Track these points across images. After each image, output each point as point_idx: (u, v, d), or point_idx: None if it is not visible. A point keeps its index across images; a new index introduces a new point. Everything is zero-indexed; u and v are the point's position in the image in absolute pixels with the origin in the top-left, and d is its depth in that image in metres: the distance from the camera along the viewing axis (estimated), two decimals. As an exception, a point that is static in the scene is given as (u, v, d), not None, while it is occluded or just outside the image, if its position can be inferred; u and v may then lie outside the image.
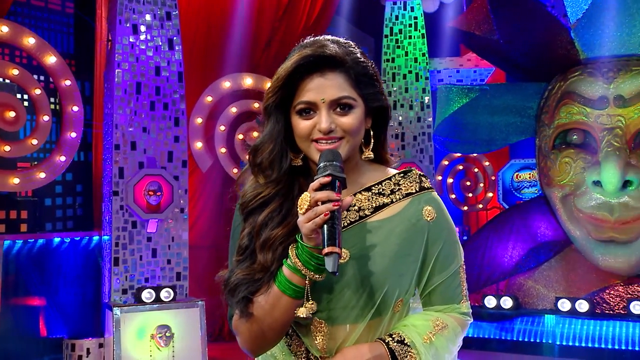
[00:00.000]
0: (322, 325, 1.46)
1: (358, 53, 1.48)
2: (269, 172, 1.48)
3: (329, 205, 1.30)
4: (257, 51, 7.09)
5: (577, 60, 6.80)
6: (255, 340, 1.47)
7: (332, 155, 1.38)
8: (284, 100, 1.46)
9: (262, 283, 1.43)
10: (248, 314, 1.43)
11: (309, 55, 1.41)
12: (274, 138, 1.47)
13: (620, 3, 6.54)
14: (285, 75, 1.43)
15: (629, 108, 6.48)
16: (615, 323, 6.24)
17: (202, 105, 6.46)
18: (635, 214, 6.38)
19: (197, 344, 5.62)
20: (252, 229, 1.47)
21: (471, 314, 1.58)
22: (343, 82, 1.43)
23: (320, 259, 1.34)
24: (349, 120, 1.43)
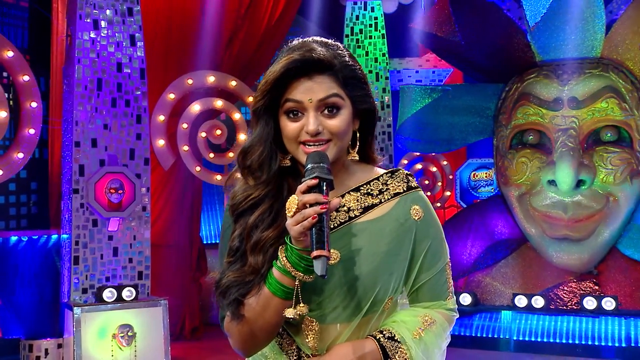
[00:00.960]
0: (314, 324, 1.47)
1: (346, 56, 1.49)
2: (259, 174, 1.48)
3: (317, 208, 1.31)
4: (219, 49, 7.05)
5: (533, 62, 6.98)
6: (247, 342, 1.48)
7: (319, 157, 1.39)
8: (273, 103, 1.46)
9: (253, 285, 1.43)
10: (239, 315, 1.44)
11: (297, 60, 1.42)
12: (263, 140, 1.48)
13: (575, 8, 6.74)
14: (273, 79, 1.43)
15: (582, 110, 6.69)
16: (569, 318, 6.45)
17: (164, 103, 6.40)
18: (588, 213, 6.60)
19: (159, 343, 5.58)
20: (243, 231, 1.47)
21: (457, 310, 1.63)
22: (331, 84, 1.44)
23: (309, 261, 1.35)
24: (336, 122, 1.44)
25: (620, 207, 6.64)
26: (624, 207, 6.65)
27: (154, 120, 6.36)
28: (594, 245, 6.67)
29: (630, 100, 6.70)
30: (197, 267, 7.27)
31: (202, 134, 6.57)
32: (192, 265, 7.20)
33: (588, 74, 6.77)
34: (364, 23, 8.57)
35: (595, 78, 6.75)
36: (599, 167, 6.61)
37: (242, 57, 7.11)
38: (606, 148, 6.66)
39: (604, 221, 6.64)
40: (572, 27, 6.81)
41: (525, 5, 6.71)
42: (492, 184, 9.31)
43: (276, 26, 7.28)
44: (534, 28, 6.75)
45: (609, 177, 6.61)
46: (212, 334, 7.29)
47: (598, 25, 6.83)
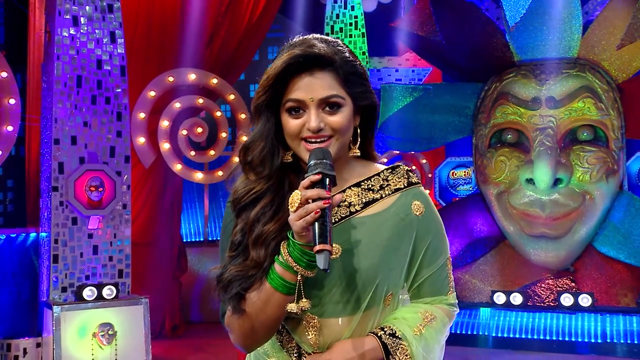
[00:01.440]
0: (315, 320, 1.48)
1: (347, 52, 1.50)
2: (260, 169, 1.49)
3: (320, 203, 1.33)
4: (200, 46, 7.03)
5: (512, 62, 7.07)
6: (248, 337, 1.48)
7: (322, 153, 1.41)
8: (274, 99, 1.47)
9: (255, 279, 1.44)
10: (241, 310, 1.44)
11: (299, 55, 1.43)
12: (265, 136, 1.49)
13: (553, 8, 6.83)
14: (274, 74, 1.44)
15: (559, 109, 6.79)
16: (546, 315, 6.54)
17: (145, 100, 6.37)
18: (565, 211, 6.70)
19: (140, 342, 5.55)
20: (245, 225, 1.47)
21: (457, 304, 1.65)
22: (332, 81, 1.45)
23: (311, 256, 1.35)
24: (338, 119, 1.46)
25: (596, 205, 6.75)
26: (599, 205, 6.76)
27: (134, 117, 6.32)
28: (571, 243, 6.77)
29: (606, 100, 6.81)
30: (177, 265, 7.24)
31: (183, 132, 6.55)
32: (173, 264, 7.17)
33: (565, 74, 6.87)
34: (344, 22, 8.61)
35: (572, 78, 6.85)
36: (576, 166, 6.71)
37: (223, 55, 7.09)
38: (583, 147, 6.77)
39: (580, 219, 6.74)
40: (550, 28, 6.90)
41: (505, 5, 6.79)
42: (471, 183, 9.40)
43: (257, 24, 7.27)
44: (514, 28, 6.82)
45: (585, 176, 6.71)
46: (192, 332, 7.27)
47: (575, 26, 6.93)
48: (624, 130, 6.95)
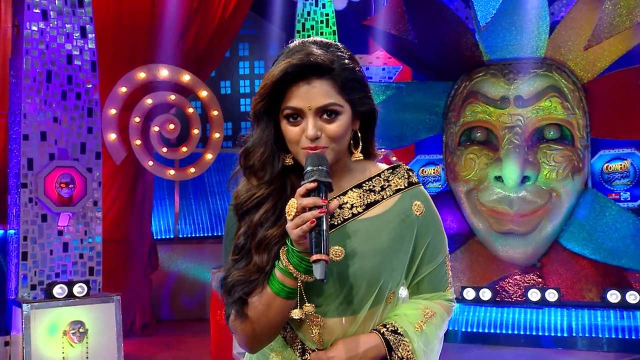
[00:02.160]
0: (319, 319, 1.51)
1: (346, 58, 1.51)
2: (261, 174, 1.51)
3: (315, 212, 1.35)
4: (171, 42, 6.99)
5: (481, 61, 7.18)
6: (251, 339, 1.51)
7: (318, 159, 1.42)
8: (272, 106, 1.49)
9: (257, 284, 1.46)
10: (243, 314, 1.47)
11: (295, 65, 1.44)
12: (264, 142, 1.51)
13: (521, 9, 6.96)
14: (271, 83, 1.45)
15: (527, 108, 6.92)
16: (514, 310, 6.66)
17: (116, 96, 6.31)
18: (532, 208, 6.83)
19: (112, 339, 5.51)
20: (248, 229, 1.50)
21: (455, 299, 1.69)
22: (329, 89, 1.46)
23: (310, 262, 1.38)
24: (335, 127, 1.47)
25: (562, 202, 6.90)
26: (565, 202, 6.91)
27: (105, 113, 6.26)
28: (538, 239, 6.91)
29: (572, 100, 6.97)
30: (148, 263, 7.19)
31: (155, 128, 6.51)
32: (143, 261, 7.12)
33: (533, 73, 7.00)
34: (315, 19, 8.61)
35: (540, 78, 6.98)
36: (543, 164, 6.85)
37: (195, 51, 7.06)
38: (549, 145, 6.91)
39: (547, 216, 6.89)
40: (518, 28, 7.03)
41: (476, 6, 6.89)
42: (440, 180, 9.49)
43: (229, 21, 7.25)
44: (485, 28, 6.93)
45: (552, 174, 6.86)
46: (163, 330, 7.24)
47: (542, 27, 7.07)
48: (589, 129, 7.12)
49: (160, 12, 6.96)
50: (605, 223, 6.83)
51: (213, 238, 8.59)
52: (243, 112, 12.62)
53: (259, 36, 11.04)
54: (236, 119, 10.08)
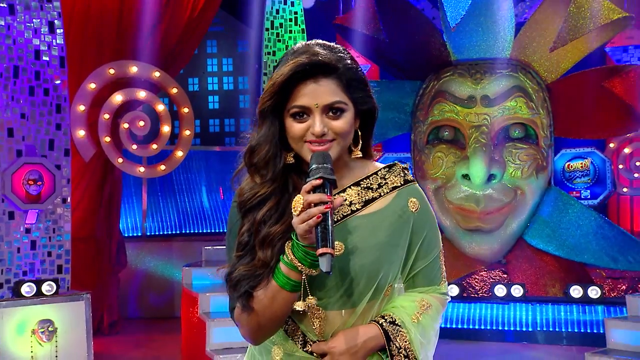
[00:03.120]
0: (320, 311, 1.56)
1: (348, 59, 1.58)
2: (265, 172, 1.56)
3: (321, 207, 1.40)
4: (140, 38, 6.92)
5: (449, 61, 7.30)
6: (256, 331, 1.56)
7: (322, 158, 1.48)
8: (278, 104, 1.54)
9: (262, 278, 1.52)
10: (249, 307, 1.52)
11: (304, 64, 1.50)
12: (269, 140, 1.55)
13: (487, 10, 7.10)
14: (281, 81, 1.50)
15: (493, 107, 7.07)
16: (481, 305, 6.80)
17: (84, 93, 6.24)
18: (498, 205, 6.98)
19: (81, 338, 5.45)
20: (252, 226, 1.55)
21: (449, 293, 1.76)
22: (335, 88, 1.53)
23: (314, 256, 1.43)
24: (340, 124, 1.53)
25: (526, 200, 7.06)
26: (530, 200, 7.08)
27: (73, 110, 6.19)
28: (503, 236, 7.07)
29: (536, 100, 7.14)
30: (116, 261, 7.12)
31: (124, 125, 6.45)
32: (111, 259, 7.05)
33: (499, 73, 7.15)
34: (284, 17, 8.64)
35: (505, 78, 7.14)
36: (508, 162, 7.01)
37: (164, 48, 7.01)
38: (515, 144, 7.07)
39: (512, 213, 7.05)
40: (485, 29, 7.17)
41: (446, 7, 7.00)
42: (407, 178, 9.62)
43: (199, 18, 7.21)
44: (455, 29, 7.05)
45: (517, 172, 7.01)
46: (130, 328, 7.19)
47: (508, 28, 7.23)
48: (552, 128, 7.31)
49: (129, 8, 6.89)
50: (568, 220, 7.02)
51: (181, 236, 8.55)
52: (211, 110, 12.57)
53: (227, 33, 11.01)
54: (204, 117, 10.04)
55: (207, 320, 5.00)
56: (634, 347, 4.85)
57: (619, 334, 5.00)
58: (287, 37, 8.62)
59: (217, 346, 4.92)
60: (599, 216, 7.08)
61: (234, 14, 8.96)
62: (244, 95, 12.25)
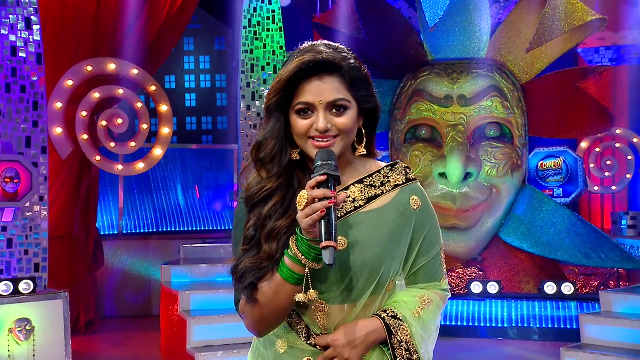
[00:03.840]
0: (323, 305, 1.60)
1: (352, 59, 1.62)
2: (270, 167, 1.60)
3: (325, 202, 1.45)
4: (118, 35, 6.87)
5: (426, 61, 7.38)
6: (261, 323, 1.60)
7: (327, 155, 1.52)
8: (284, 101, 1.58)
9: (267, 270, 1.55)
10: (254, 299, 1.56)
11: (310, 61, 1.54)
12: (275, 135, 1.60)
13: (464, 11, 7.18)
14: (287, 78, 1.55)
15: (470, 107, 7.16)
16: (457, 302, 6.89)
17: (62, 90, 6.18)
18: (474, 203, 7.08)
19: (59, 337, 5.41)
20: (258, 221, 1.59)
21: (449, 290, 1.81)
22: (339, 86, 1.57)
23: (318, 250, 1.48)
24: (344, 120, 1.57)
25: (502, 198, 7.17)
26: (505, 198, 7.19)
27: (50, 107, 6.13)
28: (479, 234, 7.17)
29: (511, 100, 7.25)
30: (93, 259, 7.06)
31: (102, 122, 6.40)
32: (88, 257, 6.99)
33: (475, 73, 7.24)
34: (261, 15, 8.63)
35: (482, 78, 7.23)
36: (484, 161, 7.10)
37: (142, 45, 6.96)
38: (490, 143, 7.17)
39: (488, 211, 7.15)
40: (462, 29, 7.26)
41: (425, 7, 7.07)
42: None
43: (177, 16, 7.18)
44: (434, 29, 7.12)
45: (492, 171, 7.12)
46: (107, 327, 7.14)
47: (484, 29, 7.33)
48: (527, 128, 7.43)
49: (106, 4, 6.84)
50: (543, 218, 7.15)
51: (158, 234, 8.51)
52: (188, 107, 12.50)
53: (204, 31, 10.96)
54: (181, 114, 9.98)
55: (188, 318, 4.99)
56: (608, 342, 4.96)
57: (593, 329, 5.11)
58: (265, 36, 8.61)
59: (198, 344, 4.92)
60: (573, 214, 7.21)
61: (211, 12, 8.93)
62: (221, 93, 12.20)
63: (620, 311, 5.24)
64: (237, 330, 4.94)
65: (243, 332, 1.69)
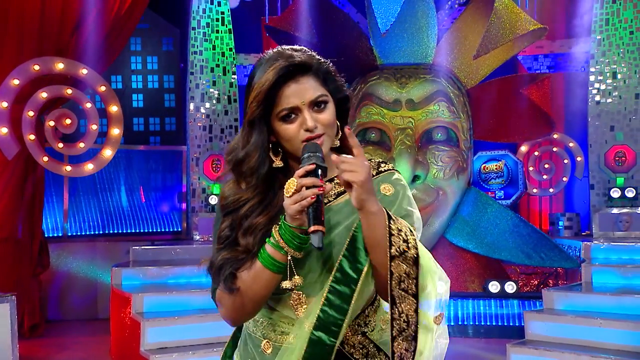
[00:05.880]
0: (301, 296, 1.62)
1: (317, 56, 1.68)
2: (250, 179, 1.62)
3: (315, 190, 1.49)
4: (64, 34, 6.74)
5: (375, 65, 7.52)
6: (237, 311, 1.62)
7: (314, 147, 1.56)
8: (265, 112, 1.61)
9: (245, 261, 1.58)
10: (232, 288, 1.58)
11: (285, 66, 1.58)
12: (259, 147, 1.61)
13: (412, 17, 7.37)
14: (267, 87, 1.58)
15: (418, 111, 7.35)
16: (406, 301, 7.03)
17: (7, 89, 6.03)
18: (422, 205, 7.24)
19: (6, 341, 5.26)
20: (234, 221, 1.61)
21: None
22: (314, 83, 1.62)
23: (301, 238, 1.53)
24: (326, 116, 1.62)
25: (448, 200, 7.38)
26: (451, 200, 7.40)
27: (-5, 106, 5.97)
28: (426, 235, 7.33)
29: (457, 104, 7.47)
30: (38, 262, 6.90)
31: (50, 123, 6.28)
32: (33, 260, 6.82)
33: (423, 78, 7.43)
34: (210, 17, 8.62)
35: (429, 83, 7.43)
36: (432, 164, 7.30)
37: (90, 44, 6.85)
38: (437, 147, 7.37)
39: (434, 213, 7.34)
40: (409, 35, 7.44)
41: (376, 12, 7.21)
42: (332, 178, 9.79)
43: (127, 16, 7.09)
44: (385, 34, 7.27)
45: (439, 173, 7.32)
46: (52, 331, 6.98)
47: (431, 35, 7.53)
48: (472, 132, 7.67)
49: (51, 3, 6.69)
50: (487, 219, 7.39)
51: (105, 236, 8.36)
52: (135, 108, 12.33)
53: (152, 31, 10.85)
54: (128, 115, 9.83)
55: (142, 321, 4.96)
56: (551, 338, 5.18)
57: (536, 326, 5.32)
58: (214, 37, 8.61)
59: (152, 346, 4.90)
60: (515, 215, 7.48)
61: (160, 12, 8.84)
62: (169, 94, 12.06)
63: (561, 308, 5.48)
64: (191, 332, 4.95)
65: (198, 333, 1.70)
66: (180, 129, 10.37)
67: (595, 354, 4.75)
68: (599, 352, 4.77)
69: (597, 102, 7.92)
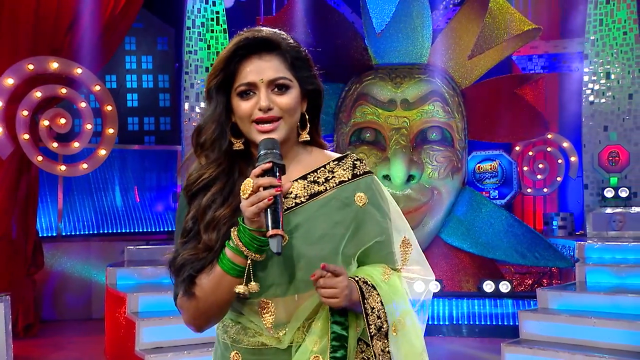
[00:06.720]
0: (270, 304, 1.54)
1: (291, 40, 1.59)
2: (210, 153, 1.56)
3: (272, 190, 1.42)
4: (58, 34, 6.72)
5: (370, 65, 7.53)
6: (200, 317, 1.54)
7: (271, 143, 1.49)
8: (225, 83, 1.55)
9: (206, 262, 1.50)
10: (192, 292, 1.50)
11: (247, 38, 1.53)
12: (216, 119, 1.55)
13: (407, 17, 7.38)
14: (226, 57, 1.53)
15: (412, 111, 7.36)
16: (400, 301, 7.04)
17: (2, 88, 6.02)
18: (416, 205, 7.27)
19: (0, 341, 5.25)
20: (197, 212, 1.53)
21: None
22: (279, 64, 1.55)
23: (261, 241, 1.44)
24: (286, 100, 1.54)
25: (443, 199, 7.40)
26: (446, 199, 7.42)
27: (-10, 105, 5.96)
28: (421, 235, 7.35)
29: (452, 104, 7.49)
30: (32, 262, 6.88)
31: (44, 122, 6.26)
32: (27, 260, 6.81)
33: (417, 78, 7.45)
34: (205, 16, 8.61)
35: (424, 83, 7.45)
36: (426, 164, 7.31)
37: (85, 44, 6.83)
38: (432, 146, 7.38)
39: (429, 212, 7.36)
40: (404, 35, 7.46)
41: (371, 12, 7.22)
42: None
43: (121, 16, 7.07)
44: (380, 34, 7.28)
45: (434, 173, 7.33)
46: (46, 331, 6.96)
47: (426, 36, 7.54)
48: (467, 132, 7.69)
49: (45, 2, 6.67)
50: (482, 219, 7.41)
51: (99, 236, 8.35)
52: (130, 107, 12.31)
53: (147, 30, 10.83)
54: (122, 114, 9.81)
55: (137, 320, 4.95)
56: (545, 337, 5.19)
57: (531, 325, 5.33)
58: (209, 37, 8.60)
59: (147, 345, 4.89)
60: (510, 215, 7.51)
61: (154, 11, 8.83)
62: (164, 93, 12.03)
63: (556, 307, 5.49)
64: (187, 332, 4.89)
65: (192, 333, 1.60)
66: (175, 128, 10.37)
67: (589, 353, 4.76)
68: (593, 351, 4.78)
69: (591, 102, 7.96)
